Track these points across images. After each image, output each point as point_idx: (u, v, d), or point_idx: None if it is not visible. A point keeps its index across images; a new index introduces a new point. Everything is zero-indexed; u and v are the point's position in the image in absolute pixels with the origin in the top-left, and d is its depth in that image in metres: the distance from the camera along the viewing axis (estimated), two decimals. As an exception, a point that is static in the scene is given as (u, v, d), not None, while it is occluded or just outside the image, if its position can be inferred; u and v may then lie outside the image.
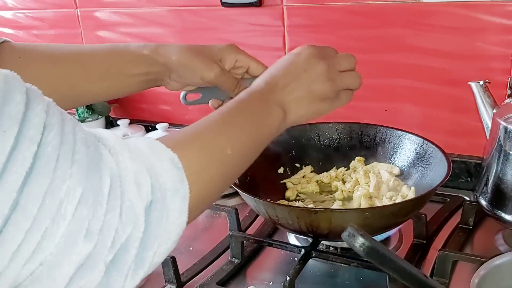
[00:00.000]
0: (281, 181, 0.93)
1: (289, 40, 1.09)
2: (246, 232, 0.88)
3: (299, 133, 0.96)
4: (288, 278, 0.68)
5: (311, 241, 0.77)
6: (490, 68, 0.93)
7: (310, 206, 0.83)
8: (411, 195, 0.82)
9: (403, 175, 0.90)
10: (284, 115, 0.58)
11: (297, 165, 0.96)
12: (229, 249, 0.81)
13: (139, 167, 0.38)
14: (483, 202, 0.81)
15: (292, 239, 0.86)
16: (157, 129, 1.22)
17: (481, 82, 0.83)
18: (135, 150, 0.40)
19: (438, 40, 0.95)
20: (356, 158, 0.94)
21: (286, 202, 0.87)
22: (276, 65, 0.63)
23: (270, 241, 0.81)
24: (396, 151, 0.92)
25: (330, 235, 0.71)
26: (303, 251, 0.75)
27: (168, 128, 1.22)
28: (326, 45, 0.65)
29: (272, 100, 0.58)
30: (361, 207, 0.81)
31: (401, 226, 0.84)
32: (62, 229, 0.32)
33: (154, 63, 0.68)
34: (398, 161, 0.91)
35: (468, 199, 0.94)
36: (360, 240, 0.47)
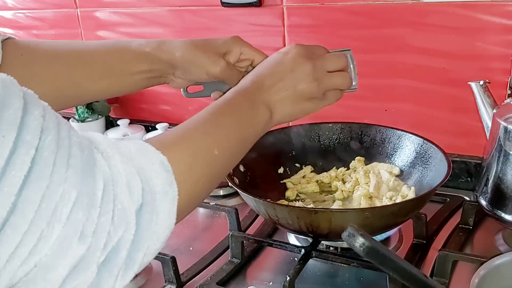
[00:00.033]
0: (281, 181, 0.93)
1: (289, 40, 1.09)
2: (246, 232, 0.88)
3: (299, 133, 0.96)
4: (288, 278, 0.68)
5: (311, 241, 0.77)
6: (490, 68, 0.93)
7: (310, 206, 0.83)
8: (411, 195, 0.82)
9: (403, 175, 0.90)
10: (270, 114, 0.59)
11: (297, 165, 0.96)
12: (229, 249, 0.81)
13: (130, 171, 0.39)
14: (483, 202, 0.81)
15: (292, 239, 0.86)
16: (157, 129, 1.22)
17: (481, 82, 0.83)
18: (126, 153, 0.40)
19: (438, 40, 0.95)
20: (356, 158, 0.94)
21: (286, 202, 0.87)
22: (263, 64, 0.63)
23: (270, 241, 0.81)
24: (396, 151, 0.92)
25: (330, 235, 0.71)
26: (303, 251, 0.75)
27: (168, 128, 1.22)
28: (316, 44, 0.65)
29: (259, 100, 0.58)
30: (361, 207, 0.81)
31: (401, 226, 0.84)
32: (57, 232, 0.33)
33: (157, 61, 0.68)
34: (398, 161, 0.91)
35: (468, 199, 0.94)
36: (360, 240, 0.47)
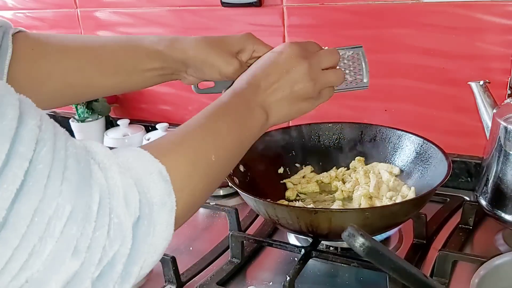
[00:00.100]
0: (281, 181, 0.93)
1: (289, 40, 1.09)
2: (246, 232, 0.88)
3: (299, 133, 0.96)
4: (288, 278, 0.68)
5: (311, 241, 0.77)
6: (490, 68, 0.93)
7: (310, 206, 0.83)
8: (411, 195, 0.82)
9: (403, 175, 0.90)
10: (267, 116, 0.58)
11: (297, 165, 0.96)
12: (229, 249, 0.81)
13: (128, 182, 0.38)
14: (483, 202, 0.81)
15: (292, 239, 0.86)
16: (157, 129, 1.22)
17: (481, 82, 0.83)
18: (124, 163, 0.40)
19: (438, 40, 0.95)
20: (356, 158, 0.94)
21: (286, 202, 0.87)
22: (258, 64, 0.62)
23: (270, 241, 0.81)
24: (396, 151, 0.92)
25: (330, 235, 0.71)
26: (303, 251, 0.75)
27: (168, 128, 1.22)
28: (308, 40, 0.65)
29: (255, 103, 0.57)
30: (361, 207, 0.81)
31: (401, 226, 0.84)
32: (50, 247, 0.32)
33: (170, 59, 0.66)
34: (398, 161, 0.91)
35: (468, 199, 0.94)
36: (360, 240, 0.47)
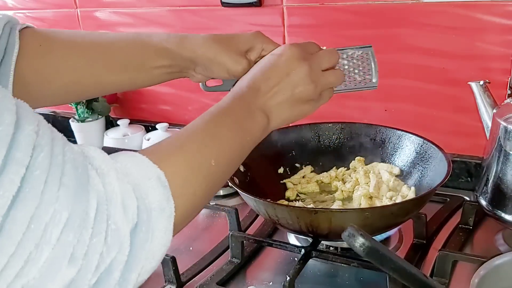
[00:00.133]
0: (281, 181, 0.93)
1: (289, 40, 1.09)
2: (246, 232, 0.88)
3: (299, 133, 0.96)
4: (288, 278, 0.68)
5: (311, 241, 0.77)
6: (490, 68, 0.93)
7: (310, 206, 0.83)
8: (411, 195, 0.82)
9: (403, 175, 0.90)
10: (268, 120, 0.57)
11: (297, 165, 0.96)
12: (229, 249, 0.81)
13: (125, 188, 0.38)
14: (483, 202, 0.81)
15: (292, 239, 0.86)
16: (157, 129, 1.22)
17: (481, 82, 0.83)
18: (122, 168, 0.39)
19: (438, 40, 0.95)
20: (356, 158, 0.94)
21: (286, 202, 0.87)
22: (258, 67, 0.61)
23: (270, 241, 0.81)
24: (396, 151, 0.92)
25: (330, 235, 0.71)
26: (303, 251, 0.75)
27: (168, 128, 1.22)
28: (308, 41, 0.64)
29: (255, 106, 0.57)
30: (361, 207, 0.81)
31: (401, 226, 0.84)
32: (46, 254, 0.32)
33: (178, 57, 0.66)
34: (398, 161, 0.91)
35: (468, 199, 0.94)
36: (360, 240, 0.47)
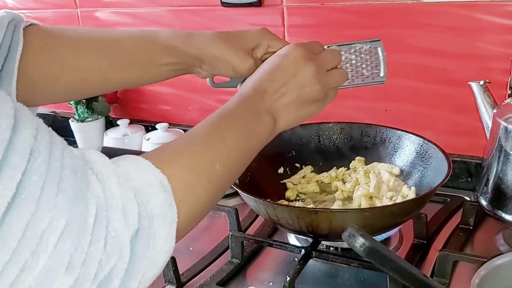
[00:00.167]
0: (281, 181, 0.93)
1: (289, 40, 1.09)
2: (246, 232, 0.88)
3: (299, 133, 0.96)
4: (288, 278, 0.68)
5: (311, 241, 0.77)
6: (490, 68, 0.93)
7: (310, 206, 0.83)
8: (411, 195, 0.82)
9: (403, 175, 0.90)
10: (274, 122, 0.57)
11: (297, 165, 0.96)
12: (229, 249, 0.81)
13: (126, 194, 0.37)
14: (484, 202, 0.81)
15: (292, 239, 0.86)
16: (157, 129, 1.22)
17: (481, 82, 0.82)
18: (123, 173, 0.39)
19: (438, 40, 0.95)
20: (356, 158, 0.94)
21: (286, 202, 0.87)
22: (263, 68, 0.60)
23: (270, 241, 0.81)
24: (396, 151, 0.92)
25: (330, 235, 0.71)
26: (303, 251, 0.75)
27: (168, 128, 1.22)
28: (312, 40, 0.65)
29: (262, 108, 0.56)
30: (361, 207, 0.81)
31: (401, 226, 0.84)
32: (42, 262, 0.31)
33: (185, 55, 0.65)
34: (398, 161, 0.91)
35: (468, 199, 0.94)
36: (360, 240, 0.47)
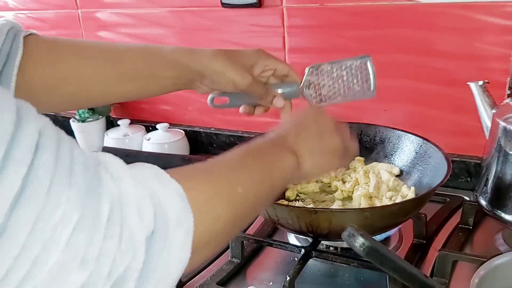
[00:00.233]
0: (287, 187, 0.93)
1: (289, 40, 1.10)
2: (246, 232, 0.88)
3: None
4: (288, 278, 0.68)
5: (311, 241, 0.78)
6: (489, 68, 0.93)
7: (310, 206, 0.84)
8: (411, 195, 0.82)
9: (403, 175, 0.90)
10: (297, 161, 0.58)
11: (297, 165, 0.96)
12: (229, 249, 0.81)
13: (142, 194, 0.36)
14: (483, 202, 0.81)
15: (292, 239, 0.86)
16: (157, 129, 1.22)
17: (481, 82, 0.83)
18: (139, 176, 0.38)
19: (437, 41, 0.96)
20: (356, 158, 0.94)
21: (286, 202, 0.87)
22: (285, 122, 0.65)
23: (270, 241, 0.82)
24: (396, 151, 0.92)
25: (330, 235, 0.71)
26: (303, 251, 0.75)
27: (169, 128, 1.22)
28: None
29: (285, 146, 0.58)
30: (361, 207, 0.81)
31: (401, 226, 0.84)
32: (55, 256, 0.30)
33: (187, 69, 0.68)
34: (398, 161, 0.92)
35: (468, 199, 0.95)
36: (360, 240, 0.47)
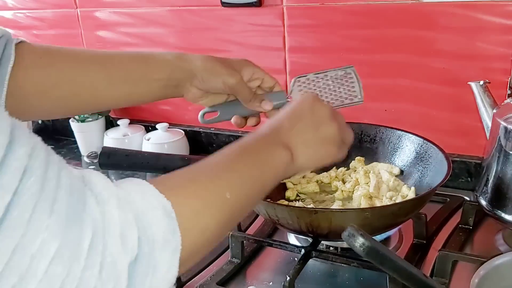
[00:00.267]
0: (281, 181, 0.93)
1: (289, 40, 1.09)
2: (246, 232, 0.88)
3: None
4: (288, 278, 0.68)
5: (311, 241, 0.77)
6: (490, 68, 0.93)
7: (310, 206, 0.83)
8: (411, 195, 0.82)
9: (403, 175, 0.90)
10: (291, 156, 0.56)
11: (297, 165, 0.96)
12: (229, 249, 0.81)
13: (126, 217, 0.36)
14: (483, 202, 0.81)
15: (292, 239, 0.86)
16: (157, 129, 1.22)
17: (481, 82, 0.83)
18: (125, 196, 0.37)
19: (438, 40, 0.95)
20: (356, 158, 0.94)
21: (286, 202, 0.87)
22: (280, 112, 0.63)
23: (270, 241, 0.81)
24: (396, 151, 0.92)
25: (330, 235, 0.71)
26: (303, 251, 0.75)
27: (168, 128, 1.22)
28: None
29: (278, 141, 0.56)
30: (361, 207, 0.81)
31: (401, 226, 0.84)
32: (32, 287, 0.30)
33: (178, 69, 0.69)
34: (398, 161, 0.91)
35: (468, 199, 0.94)
36: (360, 240, 0.47)
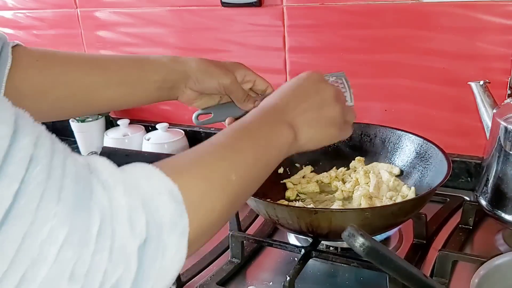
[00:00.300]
0: (281, 181, 0.93)
1: (289, 40, 1.09)
2: (246, 232, 0.88)
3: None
4: (288, 278, 0.68)
5: (311, 241, 0.77)
6: (490, 68, 0.93)
7: (310, 206, 0.83)
8: (411, 195, 0.82)
9: (403, 175, 0.90)
10: (295, 135, 0.56)
11: (297, 165, 0.96)
12: (229, 249, 0.81)
13: (133, 203, 0.36)
14: (483, 202, 0.81)
15: (292, 239, 0.86)
16: (157, 129, 1.22)
17: (481, 82, 0.83)
18: (131, 182, 0.38)
19: (438, 40, 0.95)
20: (356, 158, 0.94)
21: (286, 202, 0.87)
22: (285, 87, 0.62)
23: (270, 241, 0.81)
24: (396, 151, 0.92)
25: (330, 235, 0.71)
26: (303, 251, 0.75)
27: (168, 128, 1.22)
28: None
29: (282, 120, 0.56)
30: (361, 207, 0.81)
31: (401, 226, 0.84)
32: (43, 272, 0.30)
33: (173, 71, 0.70)
34: (398, 161, 0.91)
35: (468, 199, 0.94)
36: (360, 240, 0.47)
